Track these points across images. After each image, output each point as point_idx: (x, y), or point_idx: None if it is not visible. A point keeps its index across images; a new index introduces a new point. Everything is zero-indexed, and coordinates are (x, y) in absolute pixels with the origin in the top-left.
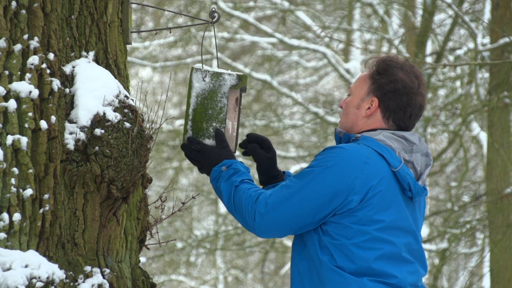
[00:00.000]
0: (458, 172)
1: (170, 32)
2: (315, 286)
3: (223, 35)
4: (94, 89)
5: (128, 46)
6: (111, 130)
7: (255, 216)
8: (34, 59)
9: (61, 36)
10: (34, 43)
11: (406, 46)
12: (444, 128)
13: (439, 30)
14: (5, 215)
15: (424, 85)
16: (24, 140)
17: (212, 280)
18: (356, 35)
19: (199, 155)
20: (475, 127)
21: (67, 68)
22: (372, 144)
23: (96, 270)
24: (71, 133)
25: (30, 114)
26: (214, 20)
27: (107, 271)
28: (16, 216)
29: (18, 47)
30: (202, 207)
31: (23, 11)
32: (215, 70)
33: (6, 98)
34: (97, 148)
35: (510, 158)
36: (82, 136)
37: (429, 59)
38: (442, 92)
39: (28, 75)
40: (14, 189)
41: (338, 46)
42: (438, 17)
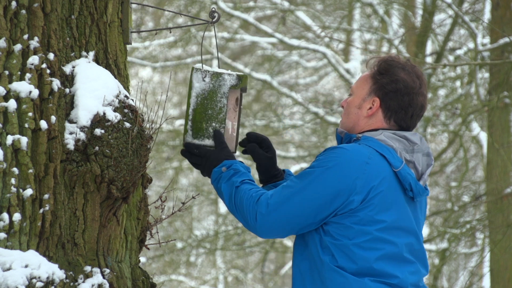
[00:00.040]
0: (458, 172)
1: (170, 32)
2: (316, 286)
3: (223, 35)
4: (94, 89)
5: (128, 46)
6: (111, 130)
7: (257, 217)
8: (34, 59)
9: (61, 36)
10: (34, 43)
11: (406, 46)
12: (444, 128)
13: (439, 30)
14: (5, 215)
15: (425, 85)
16: (24, 140)
17: (212, 280)
18: (356, 35)
19: (199, 159)
20: (475, 127)
21: (67, 68)
22: (373, 144)
23: (96, 270)
24: (71, 133)
25: (30, 114)
26: (214, 20)
27: (107, 271)
28: (16, 216)
29: (18, 47)
30: (202, 207)
31: (23, 11)
32: (215, 70)
33: (6, 98)
34: (97, 148)
35: (510, 158)
36: (82, 136)
37: (429, 59)
38: (442, 92)
39: (28, 75)
40: (14, 189)
41: (338, 46)
42: (438, 17)
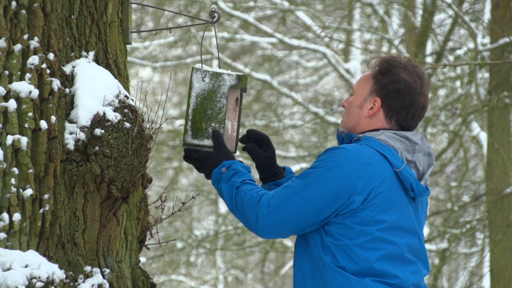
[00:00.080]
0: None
1: (170, 32)
2: (317, 286)
3: (223, 35)
4: (94, 89)
5: (128, 46)
6: (111, 130)
7: (258, 217)
8: (34, 59)
9: (61, 36)
10: (34, 43)
11: (406, 46)
12: (444, 128)
13: (439, 30)
14: (5, 215)
15: (426, 85)
16: (24, 140)
17: (212, 280)
18: (356, 35)
19: (199, 163)
20: (475, 127)
21: (67, 68)
22: (374, 144)
23: (96, 270)
24: (71, 133)
25: (30, 114)
26: (214, 20)
27: (107, 271)
28: (16, 216)
29: (18, 47)
30: (202, 207)
31: (23, 11)
32: (215, 70)
33: (6, 98)
34: (97, 148)
35: (510, 158)
36: (82, 136)
37: (429, 59)
38: (442, 92)
39: (28, 75)
40: (14, 189)
41: (338, 46)
42: (438, 17)
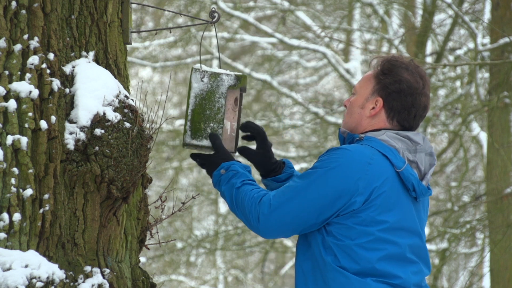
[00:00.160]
0: (458, 172)
1: (170, 32)
2: (318, 286)
3: (223, 35)
4: (94, 89)
5: (128, 46)
6: (111, 130)
7: (259, 217)
8: (34, 59)
9: (61, 36)
10: (34, 43)
11: (406, 46)
12: (444, 128)
13: (439, 30)
14: (5, 215)
15: (428, 85)
16: (24, 140)
17: (212, 280)
18: (356, 35)
19: (204, 166)
20: (475, 127)
21: (67, 68)
22: (375, 144)
23: (96, 270)
24: (71, 133)
25: (30, 114)
26: (214, 20)
27: (107, 271)
28: (16, 216)
29: (18, 47)
30: (202, 207)
31: (23, 11)
32: (213, 70)
33: (6, 98)
34: (97, 148)
35: (510, 158)
36: (82, 136)
37: (429, 59)
38: (442, 92)
39: (28, 75)
40: (14, 189)
41: (338, 46)
42: (438, 17)
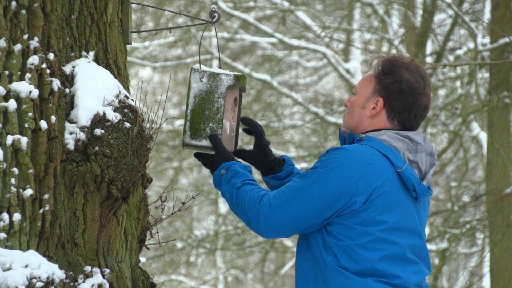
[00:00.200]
0: (458, 172)
1: (170, 32)
2: (319, 286)
3: (223, 35)
4: (94, 89)
5: (128, 46)
6: (111, 130)
7: (259, 217)
8: (34, 59)
9: (61, 36)
10: (34, 43)
11: (406, 46)
12: (444, 128)
13: (439, 30)
14: (5, 215)
15: (429, 85)
16: (24, 140)
17: (212, 280)
18: (356, 35)
19: (207, 166)
20: (475, 127)
21: (67, 68)
22: (376, 144)
23: (96, 270)
24: (71, 133)
25: (30, 114)
26: (214, 20)
27: (107, 271)
28: (16, 216)
29: (18, 47)
30: (202, 207)
31: (23, 11)
32: (212, 70)
33: (6, 98)
34: (97, 148)
35: (510, 158)
36: (82, 136)
37: (429, 59)
38: (442, 92)
39: (28, 75)
40: (14, 189)
41: (338, 46)
42: (438, 17)
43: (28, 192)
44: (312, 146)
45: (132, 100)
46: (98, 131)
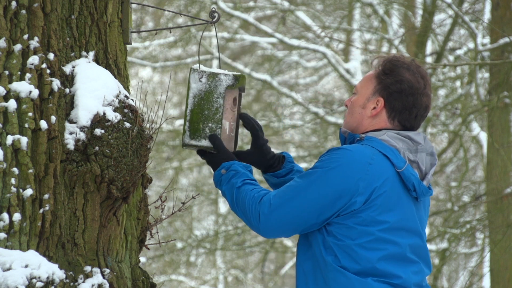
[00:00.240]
0: (458, 172)
1: (170, 32)
2: (319, 286)
3: (223, 35)
4: (94, 89)
5: (128, 46)
6: (111, 130)
7: (260, 217)
8: (34, 59)
9: (61, 36)
10: (34, 43)
11: (406, 46)
12: (444, 128)
13: (439, 30)
14: (5, 215)
15: (430, 85)
16: (24, 140)
17: (212, 280)
18: (356, 35)
19: (209, 164)
20: (475, 127)
21: (67, 68)
22: (376, 144)
23: (96, 270)
24: (71, 133)
25: (30, 114)
26: (214, 20)
27: (107, 271)
28: (16, 216)
29: (18, 47)
30: (202, 207)
31: (23, 11)
32: (211, 70)
33: (6, 98)
34: (97, 148)
35: (510, 158)
36: (82, 136)
37: (429, 59)
38: (442, 92)
39: (28, 75)
40: (14, 189)
41: (338, 46)
42: (438, 17)
43: (28, 192)
44: (312, 146)
45: (132, 100)
46: (98, 131)
